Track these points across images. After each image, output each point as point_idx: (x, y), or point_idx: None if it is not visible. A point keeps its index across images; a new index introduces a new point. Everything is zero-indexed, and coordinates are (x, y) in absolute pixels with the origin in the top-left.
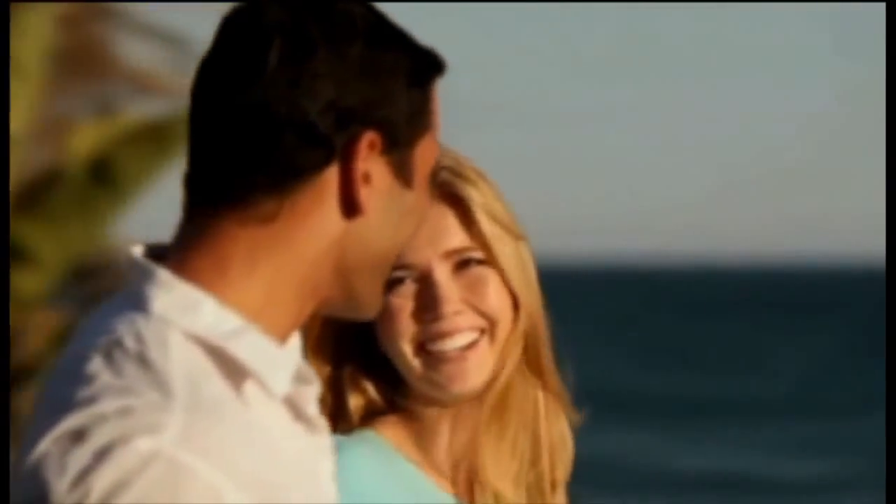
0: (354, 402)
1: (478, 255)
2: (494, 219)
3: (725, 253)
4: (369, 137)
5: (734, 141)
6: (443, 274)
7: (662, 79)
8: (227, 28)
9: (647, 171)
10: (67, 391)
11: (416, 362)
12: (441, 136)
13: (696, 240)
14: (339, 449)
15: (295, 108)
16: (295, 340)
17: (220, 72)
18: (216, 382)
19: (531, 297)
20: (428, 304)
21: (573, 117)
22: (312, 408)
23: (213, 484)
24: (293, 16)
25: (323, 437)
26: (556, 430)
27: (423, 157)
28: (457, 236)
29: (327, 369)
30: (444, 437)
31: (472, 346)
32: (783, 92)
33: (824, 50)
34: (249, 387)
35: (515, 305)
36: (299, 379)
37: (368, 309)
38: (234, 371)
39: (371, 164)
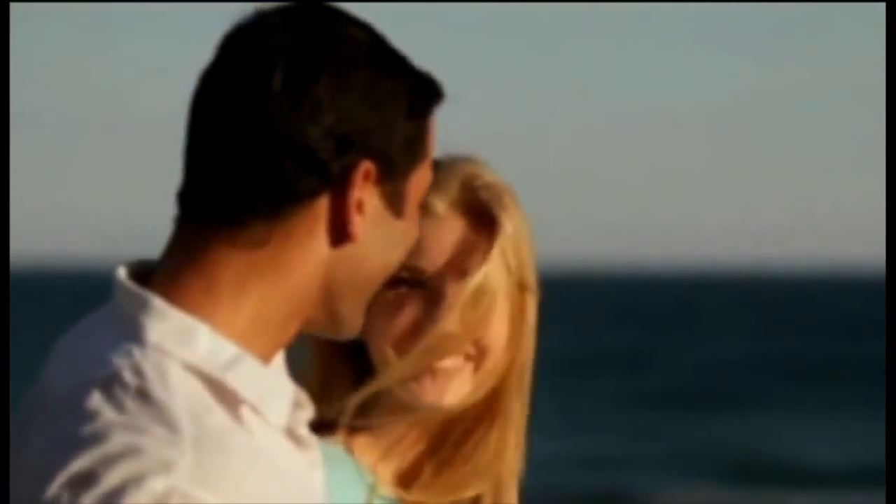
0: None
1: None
2: (516, 257)
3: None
4: (365, 167)
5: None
6: (453, 293)
7: None
8: (231, 46)
9: None
10: (71, 427)
11: (396, 365)
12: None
13: None
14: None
15: (295, 132)
16: (280, 361)
17: (221, 90)
18: (217, 413)
19: (524, 344)
20: (429, 315)
21: None
22: (304, 429)
23: None
24: (297, 39)
25: (313, 453)
26: (504, 466)
27: (416, 186)
28: (477, 259)
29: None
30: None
31: (456, 370)
32: None
33: None
34: (247, 412)
35: (510, 343)
36: (295, 405)
37: (349, 331)
38: (233, 402)
39: (365, 192)
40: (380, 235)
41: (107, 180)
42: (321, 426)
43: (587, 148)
